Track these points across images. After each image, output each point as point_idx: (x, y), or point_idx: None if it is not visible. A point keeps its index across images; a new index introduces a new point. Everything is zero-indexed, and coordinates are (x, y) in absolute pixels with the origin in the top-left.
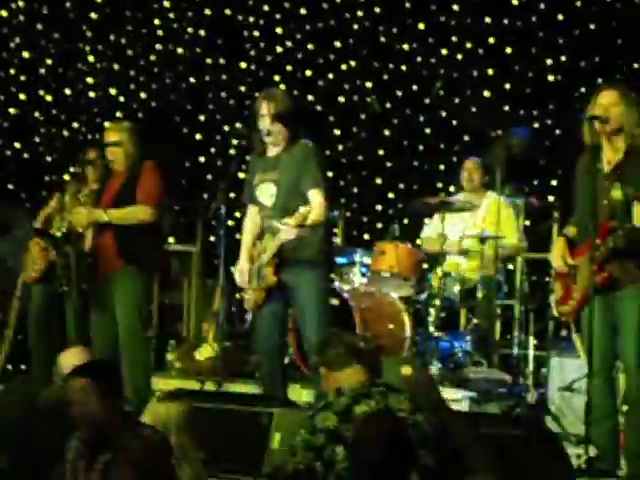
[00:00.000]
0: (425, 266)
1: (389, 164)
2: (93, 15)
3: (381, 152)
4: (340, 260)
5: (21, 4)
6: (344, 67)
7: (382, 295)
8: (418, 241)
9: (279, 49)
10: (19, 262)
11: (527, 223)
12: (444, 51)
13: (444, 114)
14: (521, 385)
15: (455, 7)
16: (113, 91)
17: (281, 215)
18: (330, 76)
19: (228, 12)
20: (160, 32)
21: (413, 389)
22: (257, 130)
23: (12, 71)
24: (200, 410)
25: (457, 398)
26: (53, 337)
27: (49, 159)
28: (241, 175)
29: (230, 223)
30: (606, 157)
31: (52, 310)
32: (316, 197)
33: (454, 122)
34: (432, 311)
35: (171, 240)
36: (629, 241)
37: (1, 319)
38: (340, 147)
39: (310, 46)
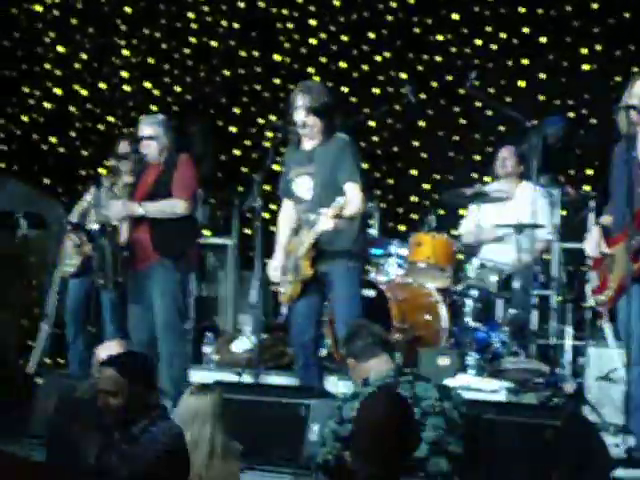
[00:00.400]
0: (461, 257)
1: (424, 155)
2: (127, 9)
3: (416, 143)
4: (376, 251)
5: None
6: (378, 58)
7: (418, 286)
8: (454, 231)
9: (313, 41)
10: (56, 256)
11: (563, 213)
12: (478, 41)
13: (479, 104)
14: (559, 375)
15: None
16: (148, 85)
17: (318, 208)
18: (364, 67)
19: (262, 4)
20: (194, 25)
21: None
22: (292, 123)
23: (47, 66)
24: (238, 402)
25: (494, 389)
26: (90, 331)
27: (85, 153)
28: (276, 168)
29: (266, 216)
30: None
31: (89, 304)
32: (353, 190)
33: (489, 112)
34: (469, 302)
35: (207, 233)
36: None
37: (38, 313)
38: (375, 138)
39: (344, 38)
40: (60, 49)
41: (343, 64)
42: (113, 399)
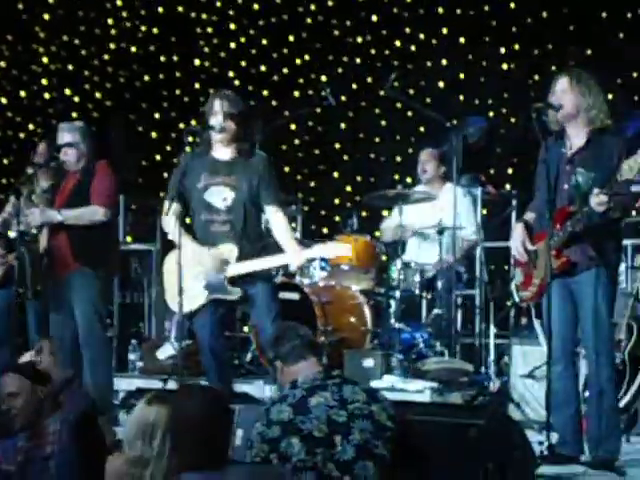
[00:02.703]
0: (384, 258)
1: (346, 157)
2: (46, 16)
3: (337, 145)
4: None
5: None
6: (298, 61)
7: (342, 288)
8: (377, 233)
9: (233, 45)
10: None
11: (484, 212)
12: (398, 43)
13: (399, 106)
14: (483, 374)
15: None
16: (68, 92)
17: (236, 220)
18: (284, 71)
19: (181, 9)
20: (113, 31)
21: None
22: (208, 128)
23: None
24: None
25: (419, 389)
26: (15, 341)
27: (5, 162)
28: None
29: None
30: (569, 142)
31: (14, 314)
32: (278, 214)
33: (409, 113)
34: (392, 303)
35: (130, 239)
36: (587, 225)
37: None
38: (296, 141)
39: (264, 41)
40: None
41: (263, 67)
42: (22, 400)
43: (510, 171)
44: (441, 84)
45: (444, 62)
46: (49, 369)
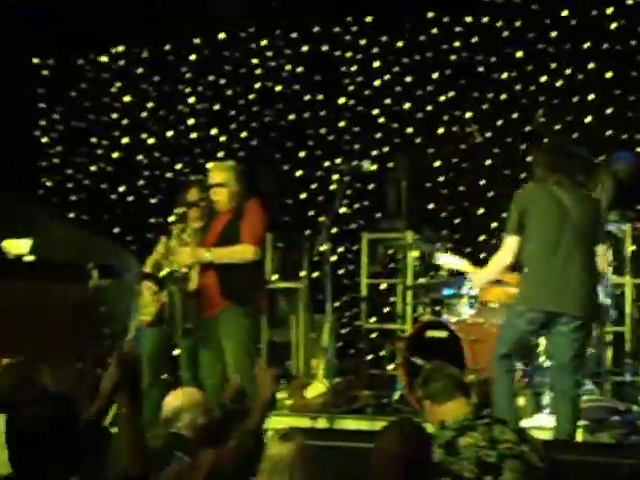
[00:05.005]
0: None
1: (491, 194)
2: (192, 57)
3: (482, 182)
4: (447, 292)
5: (121, 49)
6: (442, 98)
7: (491, 326)
8: None
9: (377, 83)
10: (129, 306)
11: (634, 248)
12: (543, 78)
13: (545, 142)
14: (634, 412)
15: (553, 34)
16: (214, 131)
17: None
18: (429, 108)
19: (325, 48)
20: (258, 70)
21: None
22: None
23: (114, 115)
24: (313, 448)
25: None
26: (166, 380)
27: (153, 201)
28: (343, 210)
29: (334, 258)
30: None
31: (165, 353)
32: None
33: None
34: (542, 341)
35: (277, 277)
36: None
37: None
38: (441, 178)
39: (408, 78)
40: (126, 98)
41: (407, 105)
42: None
43: None
44: (588, 119)
45: (591, 97)
46: None
